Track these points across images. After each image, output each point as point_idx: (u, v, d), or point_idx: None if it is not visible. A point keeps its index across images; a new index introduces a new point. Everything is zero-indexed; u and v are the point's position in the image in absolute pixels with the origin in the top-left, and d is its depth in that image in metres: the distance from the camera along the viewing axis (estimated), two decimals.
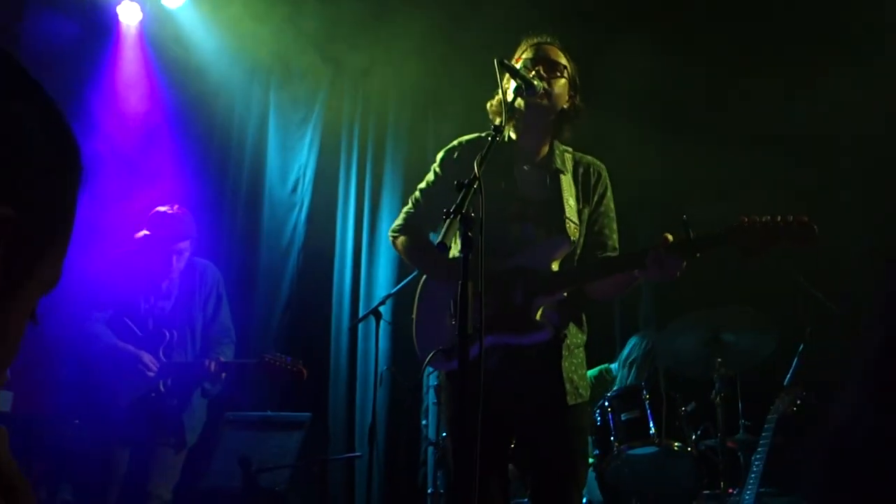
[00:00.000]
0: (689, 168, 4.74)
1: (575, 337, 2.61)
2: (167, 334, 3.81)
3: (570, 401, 2.52)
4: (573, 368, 2.57)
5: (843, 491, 0.45)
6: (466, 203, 1.94)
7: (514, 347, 2.49)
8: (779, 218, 2.24)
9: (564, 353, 2.55)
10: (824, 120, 4.64)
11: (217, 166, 5.73)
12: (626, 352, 4.66)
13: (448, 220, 1.90)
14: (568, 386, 2.52)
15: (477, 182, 2.01)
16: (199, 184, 5.32)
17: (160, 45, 5.57)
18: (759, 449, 3.66)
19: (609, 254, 2.66)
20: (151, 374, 3.69)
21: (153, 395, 3.72)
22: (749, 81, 5.00)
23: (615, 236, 2.71)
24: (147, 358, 3.72)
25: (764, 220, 2.25)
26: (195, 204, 3.88)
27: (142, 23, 5.50)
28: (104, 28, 5.41)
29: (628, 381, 4.47)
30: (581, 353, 2.64)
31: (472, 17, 5.29)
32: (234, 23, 5.58)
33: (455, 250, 2.57)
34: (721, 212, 2.63)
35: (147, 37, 5.55)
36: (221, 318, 3.98)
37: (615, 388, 4.20)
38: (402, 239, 2.79)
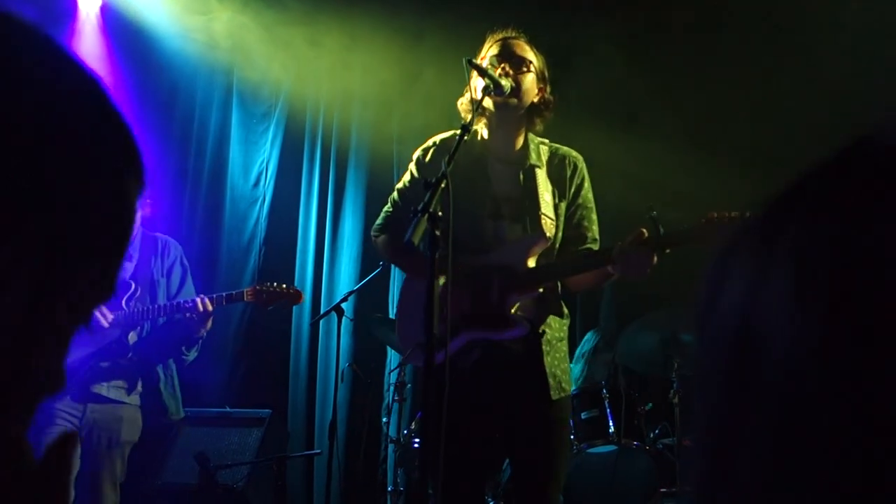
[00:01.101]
0: (657, 172, 4.80)
1: (556, 331, 2.62)
2: (132, 284, 3.53)
3: (554, 395, 2.53)
4: (556, 363, 2.57)
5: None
6: (434, 201, 1.94)
7: (493, 343, 2.50)
8: (746, 214, 2.26)
9: (546, 348, 2.55)
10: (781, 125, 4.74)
11: (178, 159, 5.63)
12: (580, 346, 4.71)
13: (416, 219, 1.90)
14: (552, 381, 2.53)
15: (445, 180, 2.01)
16: (160, 177, 5.23)
17: (120, 33, 5.46)
18: None
19: (589, 246, 2.68)
20: (105, 324, 3.39)
21: (113, 345, 3.43)
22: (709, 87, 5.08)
23: (595, 227, 2.72)
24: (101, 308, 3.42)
25: (732, 215, 2.28)
26: (155, 197, 3.77)
27: (101, 10, 5.39)
28: (62, 15, 5.29)
29: (580, 376, 4.51)
30: (563, 347, 2.65)
31: (438, 13, 5.29)
32: (196, 14, 5.50)
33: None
34: (686, 213, 2.67)
35: (107, 25, 5.44)
36: (187, 289, 3.75)
37: (574, 387, 4.24)
38: (381, 239, 2.82)
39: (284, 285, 3.65)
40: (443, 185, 2.00)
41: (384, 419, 4.84)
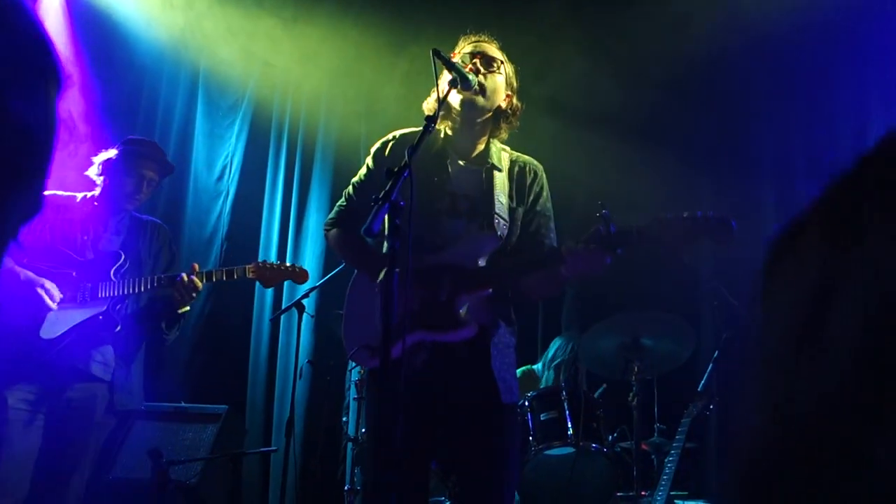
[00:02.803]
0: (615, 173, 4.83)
1: (504, 336, 2.58)
2: (121, 255, 3.34)
3: (505, 399, 2.49)
4: (504, 367, 2.54)
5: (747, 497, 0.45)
6: (395, 190, 1.91)
7: (441, 344, 2.46)
8: (698, 214, 2.27)
9: (493, 351, 2.51)
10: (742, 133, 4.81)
11: None
12: (549, 353, 4.71)
13: (376, 207, 1.87)
14: (501, 384, 2.49)
15: (407, 170, 1.98)
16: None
17: (84, 21, 5.36)
18: (672, 452, 3.75)
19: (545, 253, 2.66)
20: (53, 304, 3.20)
21: (100, 317, 3.23)
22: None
23: (553, 235, 2.70)
24: (49, 284, 3.22)
25: (684, 215, 2.27)
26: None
27: None
28: None
29: (553, 383, 4.52)
30: (511, 354, 2.62)
31: (410, 11, 5.28)
32: (163, 5, 5.43)
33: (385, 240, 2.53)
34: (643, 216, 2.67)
35: (71, 12, 5.33)
36: (174, 271, 3.50)
37: (537, 389, 4.25)
38: (333, 232, 2.77)
39: (289, 264, 3.51)
40: (405, 175, 1.97)
41: (343, 418, 4.81)
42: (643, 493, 3.81)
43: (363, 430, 4.27)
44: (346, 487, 4.44)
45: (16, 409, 3.14)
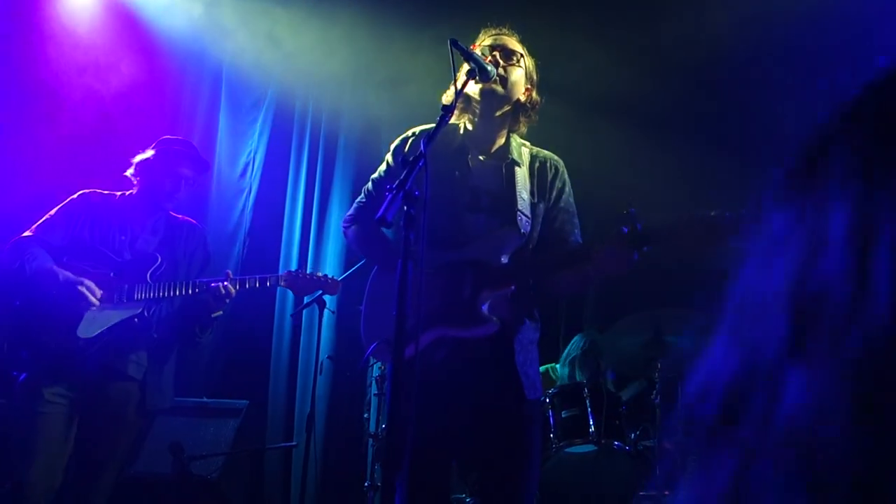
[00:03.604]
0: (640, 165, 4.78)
1: (527, 332, 2.56)
2: (157, 258, 3.38)
3: (529, 395, 2.48)
4: (528, 363, 2.52)
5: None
6: (410, 180, 1.88)
7: (462, 341, 2.44)
8: (726, 213, 2.23)
9: (517, 347, 2.49)
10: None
11: None
12: (567, 350, 4.68)
13: (390, 196, 1.85)
14: (524, 380, 2.47)
15: (422, 159, 1.96)
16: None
17: (111, 16, 5.41)
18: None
19: (570, 249, 2.63)
20: (96, 302, 3.23)
21: (136, 320, 3.27)
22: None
23: (577, 231, 2.66)
24: (90, 283, 3.25)
25: (711, 214, 2.23)
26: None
27: None
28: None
29: (567, 380, 4.47)
30: (535, 350, 2.59)
31: (432, 8, 5.25)
32: (187, 4, 5.46)
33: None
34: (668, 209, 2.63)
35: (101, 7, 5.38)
36: (208, 273, 3.58)
37: (556, 386, 4.21)
38: (353, 229, 2.77)
39: (321, 274, 3.54)
40: (420, 165, 1.95)
41: (364, 414, 4.80)
42: (667, 492, 3.76)
43: (383, 426, 4.26)
44: (366, 483, 4.43)
45: (52, 403, 3.19)
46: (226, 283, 3.31)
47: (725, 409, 0.41)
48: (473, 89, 2.53)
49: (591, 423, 3.84)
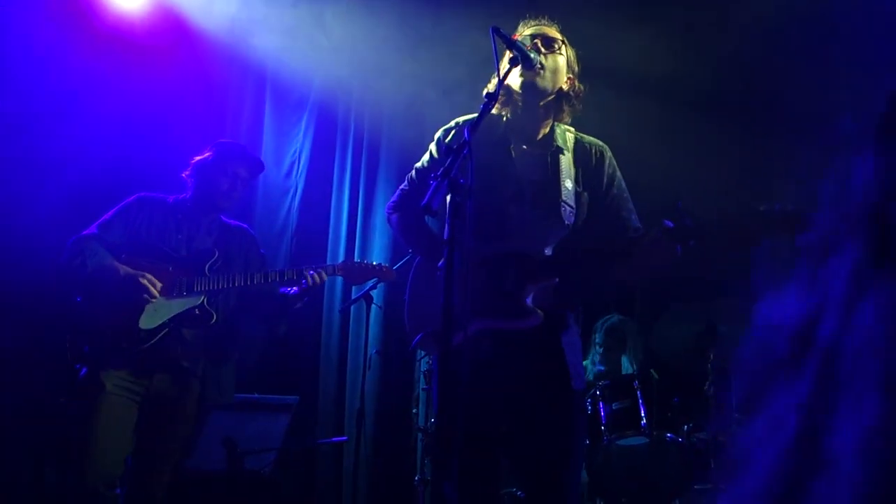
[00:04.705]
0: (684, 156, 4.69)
1: (571, 323, 2.55)
2: (215, 252, 3.48)
3: (575, 385, 2.46)
4: (573, 353, 2.51)
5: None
6: (455, 167, 1.87)
7: (506, 332, 2.43)
8: (776, 207, 2.17)
9: (563, 338, 2.48)
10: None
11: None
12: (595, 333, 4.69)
13: (435, 184, 1.84)
14: (571, 370, 2.46)
15: (467, 147, 1.95)
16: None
17: (157, 20, 5.50)
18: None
19: (631, 236, 2.59)
20: (156, 293, 3.32)
21: (196, 311, 3.36)
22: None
23: (633, 216, 2.63)
24: (150, 276, 3.33)
25: (761, 209, 2.18)
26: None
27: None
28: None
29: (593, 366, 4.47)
30: (578, 340, 2.59)
31: (474, 6, 5.23)
32: (230, 6, 5.52)
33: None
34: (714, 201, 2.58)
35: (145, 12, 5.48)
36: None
37: (605, 379, 4.16)
38: (396, 216, 2.77)
39: (375, 262, 3.63)
40: (465, 153, 1.94)
41: (413, 409, 4.81)
42: (722, 485, 3.69)
43: (432, 420, 4.27)
44: (416, 478, 4.44)
45: (114, 395, 3.28)
46: (312, 272, 3.43)
47: (797, 340, 0.44)
48: (515, 80, 2.52)
49: (643, 414, 3.79)
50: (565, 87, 2.61)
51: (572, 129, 2.70)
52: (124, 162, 5.09)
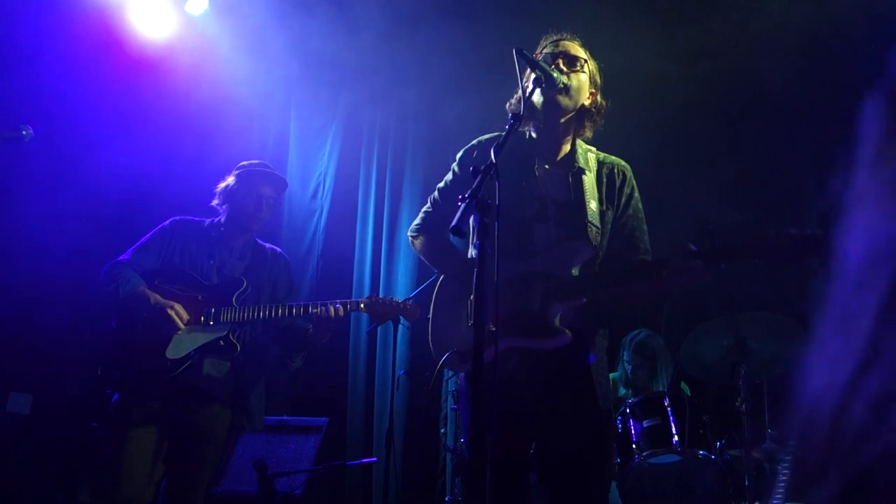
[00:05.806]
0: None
1: (598, 341, 2.55)
2: (243, 282, 3.50)
3: (602, 404, 2.46)
4: (599, 372, 2.51)
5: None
6: (482, 188, 1.88)
7: (533, 352, 2.43)
8: (808, 232, 2.16)
9: (590, 357, 2.49)
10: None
11: None
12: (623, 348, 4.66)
13: (463, 206, 1.85)
14: (598, 389, 2.46)
15: (494, 168, 1.96)
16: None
17: (181, 48, 5.60)
18: (786, 459, 3.55)
19: (641, 257, 2.59)
20: (182, 325, 3.33)
21: (221, 342, 3.38)
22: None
23: (646, 238, 2.64)
24: (178, 307, 3.36)
25: (791, 231, 2.17)
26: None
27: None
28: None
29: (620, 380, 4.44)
30: (605, 359, 2.58)
31: (497, 24, 5.26)
32: (255, 30, 5.60)
33: (471, 240, 2.52)
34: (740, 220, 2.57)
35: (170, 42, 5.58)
36: (293, 299, 3.67)
37: (635, 396, 4.12)
38: (420, 239, 2.78)
39: (399, 299, 3.58)
40: (491, 174, 1.95)
41: (441, 429, 4.80)
42: (756, 503, 3.64)
43: (462, 440, 4.25)
44: (446, 498, 4.42)
45: (142, 425, 3.30)
46: (337, 304, 3.36)
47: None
48: (538, 98, 2.53)
49: (675, 431, 3.74)
50: (587, 103, 2.62)
51: (594, 148, 2.71)
52: (155, 187, 5.17)
